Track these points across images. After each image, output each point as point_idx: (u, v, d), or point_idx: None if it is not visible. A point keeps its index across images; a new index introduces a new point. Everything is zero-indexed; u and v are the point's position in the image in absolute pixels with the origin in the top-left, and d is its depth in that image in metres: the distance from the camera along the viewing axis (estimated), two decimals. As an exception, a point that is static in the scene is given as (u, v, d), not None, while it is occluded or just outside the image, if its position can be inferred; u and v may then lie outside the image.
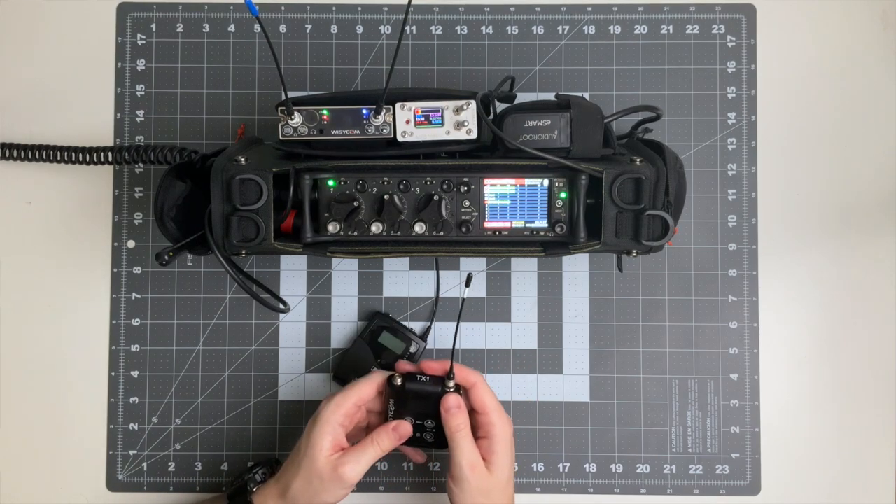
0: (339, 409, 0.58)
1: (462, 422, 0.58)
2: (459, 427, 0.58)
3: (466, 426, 0.58)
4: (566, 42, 0.72)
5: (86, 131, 0.71)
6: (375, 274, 0.71)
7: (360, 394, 0.59)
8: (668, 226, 0.55)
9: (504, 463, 0.58)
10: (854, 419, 0.70)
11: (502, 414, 0.59)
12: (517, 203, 0.57)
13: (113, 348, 0.71)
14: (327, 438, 0.57)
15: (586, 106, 0.57)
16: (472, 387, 0.59)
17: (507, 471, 0.58)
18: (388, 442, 0.59)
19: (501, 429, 0.59)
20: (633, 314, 0.71)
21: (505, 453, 0.58)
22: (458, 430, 0.58)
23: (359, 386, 0.59)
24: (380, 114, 0.55)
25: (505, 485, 0.58)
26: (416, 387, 0.60)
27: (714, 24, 0.72)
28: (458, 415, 0.58)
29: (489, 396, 0.59)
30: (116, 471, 0.70)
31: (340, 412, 0.58)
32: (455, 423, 0.58)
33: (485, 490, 0.57)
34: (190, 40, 0.72)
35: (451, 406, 0.58)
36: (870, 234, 0.71)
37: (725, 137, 0.71)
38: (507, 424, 0.60)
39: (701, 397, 0.70)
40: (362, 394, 0.59)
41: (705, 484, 0.70)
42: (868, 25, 0.72)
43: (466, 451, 0.57)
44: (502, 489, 0.58)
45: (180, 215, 0.59)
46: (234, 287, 0.71)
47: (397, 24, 0.72)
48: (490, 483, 0.57)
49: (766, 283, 0.71)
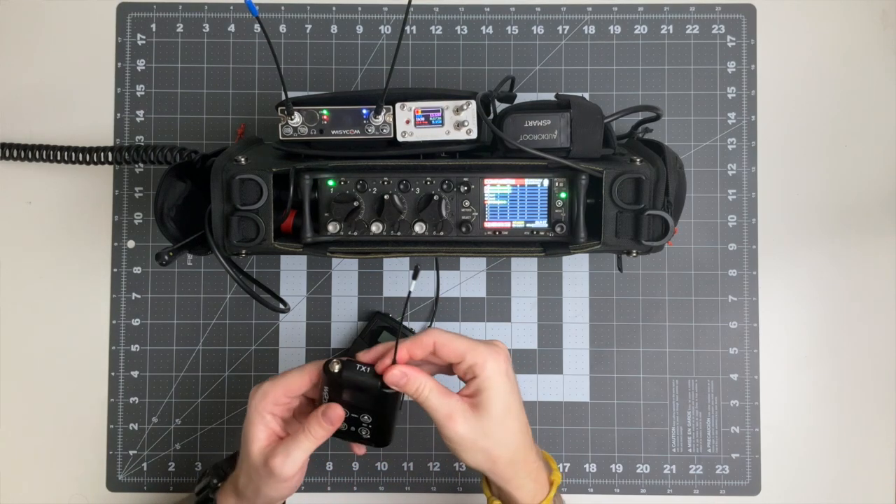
0: (266, 398, 0.55)
1: (419, 384, 0.53)
2: (418, 390, 0.53)
3: (426, 383, 0.53)
4: (566, 42, 0.72)
5: (86, 131, 0.71)
6: (375, 274, 0.71)
7: (288, 384, 0.55)
8: (668, 226, 0.55)
9: (495, 399, 0.53)
10: (854, 419, 0.70)
11: (479, 349, 0.53)
12: (517, 203, 0.57)
13: (113, 348, 0.71)
14: (259, 429, 0.55)
15: (586, 106, 0.57)
16: (434, 347, 0.54)
17: (500, 406, 0.53)
18: (319, 429, 0.54)
19: (483, 365, 0.53)
20: (633, 314, 0.71)
21: (494, 388, 0.53)
22: (418, 393, 0.53)
23: (289, 375, 0.55)
24: (380, 114, 0.55)
25: (502, 418, 0.53)
26: (353, 376, 0.54)
27: (714, 24, 0.72)
28: (409, 382, 0.53)
29: (455, 342, 0.54)
30: (116, 471, 0.70)
31: (268, 401, 0.55)
32: (411, 388, 0.53)
33: (480, 433, 0.53)
34: (190, 40, 0.72)
35: (398, 380, 0.53)
36: (870, 234, 0.71)
37: (725, 137, 0.71)
38: (492, 356, 0.53)
39: (701, 397, 0.70)
40: (291, 384, 0.55)
41: (705, 484, 0.70)
42: (868, 25, 0.72)
43: (438, 407, 0.53)
44: (500, 424, 0.53)
45: (180, 215, 0.59)
46: (234, 287, 0.71)
47: (397, 24, 0.72)
48: (482, 424, 0.53)
49: (766, 283, 0.71)
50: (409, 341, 0.54)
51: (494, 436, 0.53)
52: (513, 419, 0.54)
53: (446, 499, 0.70)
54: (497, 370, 0.53)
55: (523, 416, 0.55)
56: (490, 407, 0.53)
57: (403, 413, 0.70)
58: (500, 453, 0.53)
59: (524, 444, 0.55)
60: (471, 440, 0.53)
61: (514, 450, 0.54)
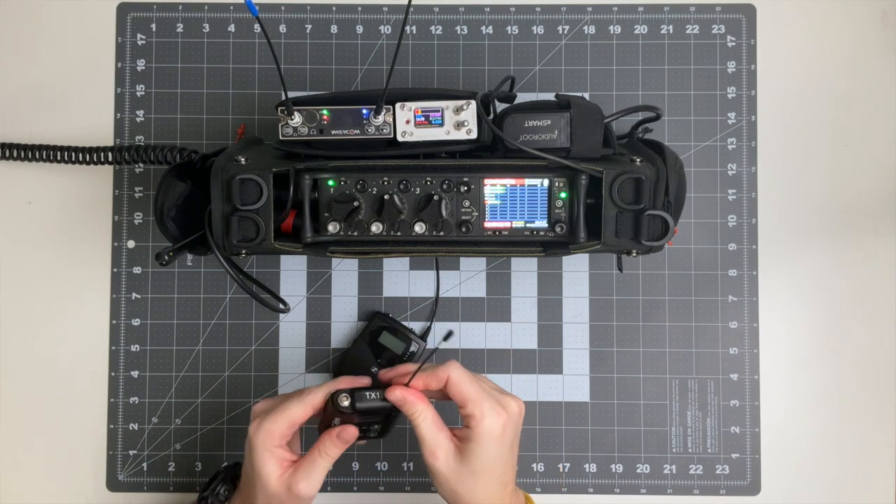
0: (271, 436, 0.56)
1: (416, 409, 0.55)
2: (414, 415, 0.55)
3: (423, 411, 0.55)
4: (566, 42, 0.72)
5: (86, 131, 0.71)
6: (375, 274, 0.71)
7: (290, 418, 0.56)
8: (668, 226, 0.55)
9: (477, 455, 0.54)
10: (854, 419, 0.70)
11: (482, 404, 0.54)
12: (517, 203, 0.57)
13: (113, 348, 0.71)
14: (271, 464, 0.55)
15: (586, 106, 0.57)
16: (446, 384, 0.55)
17: (479, 463, 0.54)
18: (335, 448, 0.56)
19: (479, 421, 0.54)
20: (633, 314, 0.71)
21: (481, 447, 0.54)
22: (413, 417, 0.55)
23: (289, 407, 0.56)
24: (380, 114, 0.55)
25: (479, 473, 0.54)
26: (365, 406, 0.55)
27: (714, 24, 0.72)
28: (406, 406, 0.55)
29: (465, 387, 0.55)
30: (116, 471, 0.70)
31: (274, 438, 0.56)
32: (408, 412, 0.55)
33: (454, 475, 0.54)
34: (190, 40, 0.72)
35: (397, 401, 0.55)
36: (870, 234, 0.71)
37: (725, 137, 0.71)
38: (492, 416, 0.54)
39: (701, 397, 0.70)
40: (293, 417, 0.56)
41: (705, 484, 0.70)
42: (868, 25, 0.72)
43: (426, 438, 0.54)
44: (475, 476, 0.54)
45: (180, 215, 0.59)
46: (234, 287, 0.71)
47: (397, 24, 0.72)
48: (459, 469, 0.54)
49: (766, 283, 0.71)
50: (427, 373, 0.56)
51: (466, 485, 0.55)
52: (490, 479, 0.55)
53: (446, 499, 0.71)
54: (490, 431, 0.54)
55: (507, 476, 0.56)
56: (471, 460, 0.54)
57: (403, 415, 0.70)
58: (463, 500, 0.55)
59: (492, 500, 0.56)
60: (444, 478, 0.55)
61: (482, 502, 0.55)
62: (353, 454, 0.70)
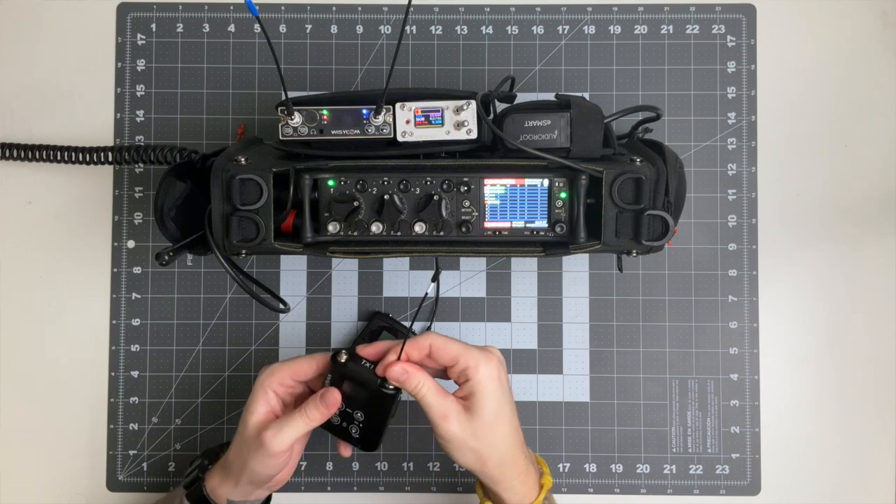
0: (273, 376, 0.57)
1: (418, 381, 0.56)
2: (417, 387, 0.56)
3: (425, 382, 0.56)
4: (566, 42, 0.72)
5: (86, 131, 0.71)
6: (375, 274, 0.71)
7: (297, 367, 0.58)
8: (668, 226, 0.55)
9: (486, 402, 0.55)
10: (854, 419, 0.70)
11: (472, 354, 0.56)
12: (517, 203, 0.57)
13: (113, 348, 0.71)
14: (259, 402, 0.57)
15: (586, 106, 0.57)
16: (430, 350, 0.57)
17: (490, 409, 0.55)
18: (315, 411, 0.56)
19: (475, 369, 0.55)
20: (633, 314, 0.71)
21: (485, 392, 0.55)
22: (416, 390, 0.56)
23: (299, 360, 0.59)
24: (380, 114, 0.55)
25: (492, 421, 0.55)
26: (357, 368, 0.58)
27: (714, 24, 0.72)
28: (409, 379, 0.56)
29: (450, 345, 0.56)
30: (116, 471, 0.70)
31: (274, 378, 0.57)
32: (411, 385, 0.56)
33: (470, 434, 0.55)
34: (190, 40, 0.72)
35: (398, 376, 0.56)
36: (870, 233, 0.71)
37: (725, 137, 0.71)
38: (484, 361, 0.56)
39: (701, 397, 0.70)
40: (299, 368, 0.58)
41: (705, 484, 0.70)
42: (868, 25, 0.72)
43: (434, 406, 0.55)
44: (490, 426, 0.55)
45: (180, 215, 0.59)
46: (234, 287, 0.71)
47: (397, 24, 0.72)
48: (473, 425, 0.55)
49: (766, 283, 0.71)
50: (409, 345, 0.57)
51: (484, 438, 0.55)
52: (503, 422, 0.56)
53: (446, 499, 0.70)
54: (489, 375, 0.55)
55: (515, 419, 0.57)
56: (481, 410, 0.55)
57: (403, 414, 0.70)
58: (489, 455, 0.55)
59: (513, 447, 0.57)
60: (462, 440, 0.55)
61: (503, 452, 0.56)
62: (353, 454, 0.70)
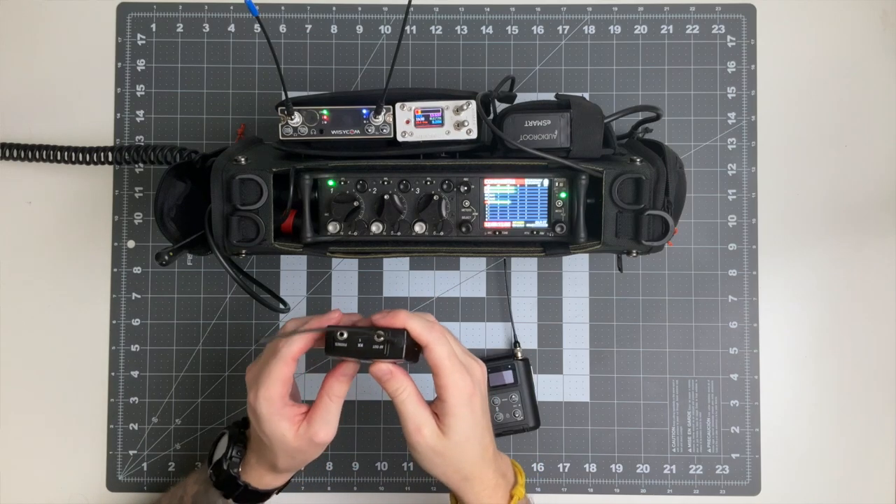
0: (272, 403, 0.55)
1: (399, 386, 0.55)
2: (397, 391, 0.55)
3: (407, 388, 0.55)
4: (566, 42, 0.72)
5: (86, 131, 0.71)
6: (375, 274, 0.71)
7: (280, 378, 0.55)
8: (668, 226, 0.55)
9: (459, 425, 0.54)
10: (854, 419, 0.70)
11: (456, 373, 0.54)
12: (517, 203, 0.57)
13: (113, 348, 0.71)
14: (283, 425, 0.56)
15: (586, 106, 0.57)
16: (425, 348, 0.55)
17: (460, 432, 0.55)
18: (341, 387, 0.56)
19: (454, 391, 0.54)
20: (633, 314, 0.71)
21: (460, 415, 0.54)
22: (396, 394, 0.55)
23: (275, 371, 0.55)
24: (380, 114, 0.55)
25: (460, 445, 0.55)
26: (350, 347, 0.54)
27: (714, 24, 0.72)
28: (391, 380, 0.55)
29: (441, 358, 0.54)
30: (116, 471, 0.70)
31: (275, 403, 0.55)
32: (391, 388, 0.55)
33: (438, 451, 0.55)
34: (190, 40, 0.72)
35: (382, 374, 0.55)
36: (870, 233, 0.71)
37: (725, 137, 0.71)
38: (464, 384, 0.55)
39: (701, 397, 0.70)
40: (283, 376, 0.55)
41: (705, 484, 0.70)
42: (868, 25, 0.72)
43: (411, 415, 0.54)
44: (457, 447, 0.55)
45: (180, 215, 0.59)
46: (234, 287, 0.71)
47: (397, 24, 0.72)
48: (443, 444, 0.55)
49: (766, 283, 0.71)
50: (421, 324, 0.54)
51: (452, 456, 0.55)
52: (472, 445, 0.56)
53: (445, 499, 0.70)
54: (460, 401, 0.55)
55: (486, 438, 0.57)
56: (450, 431, 0.55)
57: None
58: (455, 470, 0.56)
59: (480, 465, 0.57)
60: (433, 453, 0.55)
61: (469, 470, 0.56)
62: (353, 454, 0.70)
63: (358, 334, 0.54)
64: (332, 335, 0.54)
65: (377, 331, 0.54)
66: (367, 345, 0.54)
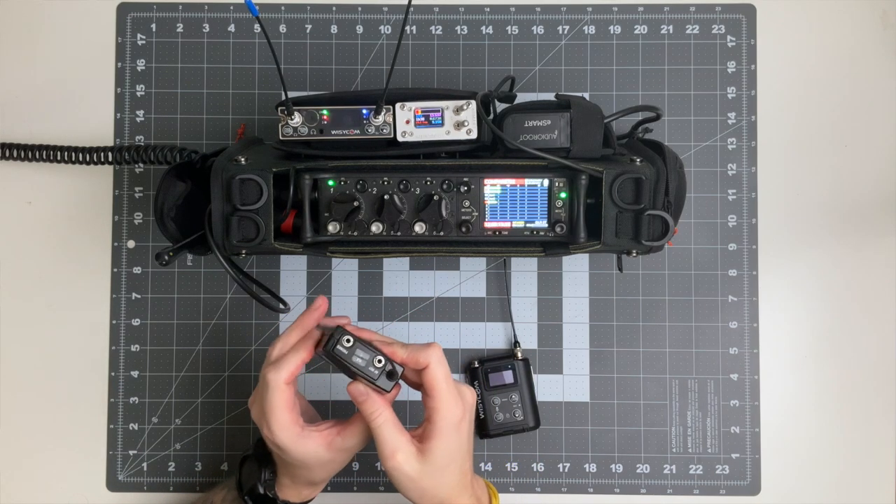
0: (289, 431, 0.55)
1: (375, 409, 0.54)
2: (373, 415, 0.55)
3: (383, 413, 0.55)
4: (566, 42, 0.72)
5: (86, 131, 0.71)
6: (375, 274, 0.71)
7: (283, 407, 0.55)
8: (668, 226, 0.55)
9: (444, 448, 0.54)
10: (854, 419, 0.70)
11: (451, 397, 0.55)
12: (517, 203, 0.57)
13: (113, 348, 0.71)
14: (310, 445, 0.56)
15: (586, 106, 0.57)
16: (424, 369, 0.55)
17: (443, 456, 0.54)
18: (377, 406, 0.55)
19: (446, 413, 0.54)
20: (633, 314, 0.71)
21: (447, 438, 0.54)
22: (372, 418, 0.55)
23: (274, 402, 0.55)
24: (380, 114, 0.55)
25: (441, 468, 0.55)
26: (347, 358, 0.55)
27: (714, 24, 0.72)
28: (366, 402, 0.55)
29: (438, 380, 0.55)
30: (116, 471, 0.70)
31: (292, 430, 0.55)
32: (367, 410, 0.55)
33: (412, 477, 0.54)
34: (190, 40, 0.72)
35: (360, 395, 0.55)
36: (870, 233, 0.71)
37: (725, 137, 0.71)
38: (457, 408, 0.55)
39: (701, 397, 0.70)
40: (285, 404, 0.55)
41: (705, 484, 0.70)
42: (868, 25, 0.72)
43: (386, 440, 0.54)
44: (438, 471, 0.55)
45: (180, 215, 0.59)
46: (234, 287, 0.71)
47: (397, 24, 0.72)
48: (422, 467, 0.54)
49: (766, 283, 0.71)
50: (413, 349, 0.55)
51: (429, 481, 0.55)
52: (453, 469, 0.56)
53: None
54: (450, 424, 0.55)
55: (466, 463, 0.57)
56: (433, 454, 0.54)
57: (401, 417, 0.70)
58: (431, 496, 0.55)
59: (457, 490, 0.56)
60: (409, 479, 0.55)
61: (445, 495, 0.56)
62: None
63: (362, 349, 0.54)
64: (338, 338, 0.54)
65: (378, 355, 0.55)
66: (364, 362, 0.55)
